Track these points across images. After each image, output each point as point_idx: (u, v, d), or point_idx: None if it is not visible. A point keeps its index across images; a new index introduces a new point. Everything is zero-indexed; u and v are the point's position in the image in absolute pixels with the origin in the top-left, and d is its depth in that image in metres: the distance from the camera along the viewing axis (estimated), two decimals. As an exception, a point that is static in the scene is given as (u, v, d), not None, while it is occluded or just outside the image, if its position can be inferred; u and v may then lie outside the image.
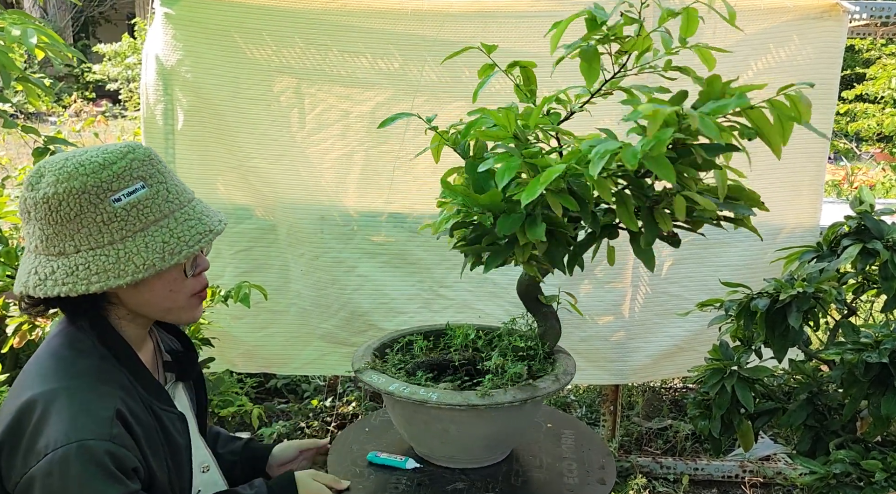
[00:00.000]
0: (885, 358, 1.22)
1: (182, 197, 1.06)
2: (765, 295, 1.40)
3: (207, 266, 1.13)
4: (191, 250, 1.01)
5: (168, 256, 1.00)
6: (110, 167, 0.98)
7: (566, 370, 1.35)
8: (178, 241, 1.01)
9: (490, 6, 2.05)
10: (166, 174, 1.05)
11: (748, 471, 2.34)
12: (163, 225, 1.01)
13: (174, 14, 2.01)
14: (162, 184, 1.03)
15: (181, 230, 1.02)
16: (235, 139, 2.10)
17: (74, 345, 1.02)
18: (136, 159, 1.01)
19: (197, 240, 1.03)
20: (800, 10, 2.03)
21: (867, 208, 1.46)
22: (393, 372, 1.30)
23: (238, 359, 2.28)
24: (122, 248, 0.99)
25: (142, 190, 1.00)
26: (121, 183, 0.99)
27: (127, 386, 1.02)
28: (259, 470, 1.45)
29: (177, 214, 1.03)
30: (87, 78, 9.58)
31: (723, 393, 1.42)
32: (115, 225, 0.99)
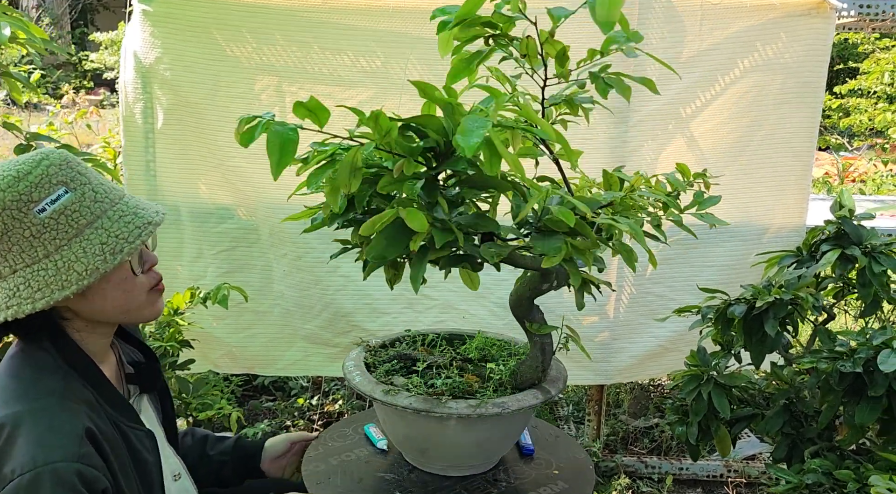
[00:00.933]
0: (859, 368, 1.21)
1: (111, 194, 1.02)
2: (742, 302, 1.39)
3: (156, 260, 1.11)
4: (132, 246, 0.99)
5: (110, 256, 0.97)
6: (26, 178, 0.95)
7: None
8: (116, 239, 0.98)
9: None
10: (88, 174, 1.01)
11: (733, 471, 2.34)
12: (97, 226, 0.98)
13: (152, 11, 1.98)
14: (86, 185, 0.99)
15: (117, 228, 0.99)
16: (216, 138, 2.07)
17: (36, 364, 0.99)
18: (51, 165, 0.97)
19: (136, 234, 1.00)
20: (786, 7, 2.00)
21: (846, 213, 1.44)
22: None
23: (221, 360, 2.27)
24: (59, 259, 0.96)
25: (65, 195, 0.97)
26: (41, 192, 0.95)
27: (93, 404, 1.00)
28: (252, 468, 1.45)
29: (109, 213, 1.00)
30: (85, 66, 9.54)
31: (699, 400, 1.41)
32: (47, 236, 0.96)
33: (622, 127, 2.06)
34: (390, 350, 1.45)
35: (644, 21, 2.00)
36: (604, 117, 2.06)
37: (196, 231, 2.15)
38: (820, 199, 2.91)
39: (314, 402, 2.74)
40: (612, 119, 2.05)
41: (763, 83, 2.07)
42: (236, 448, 1.43)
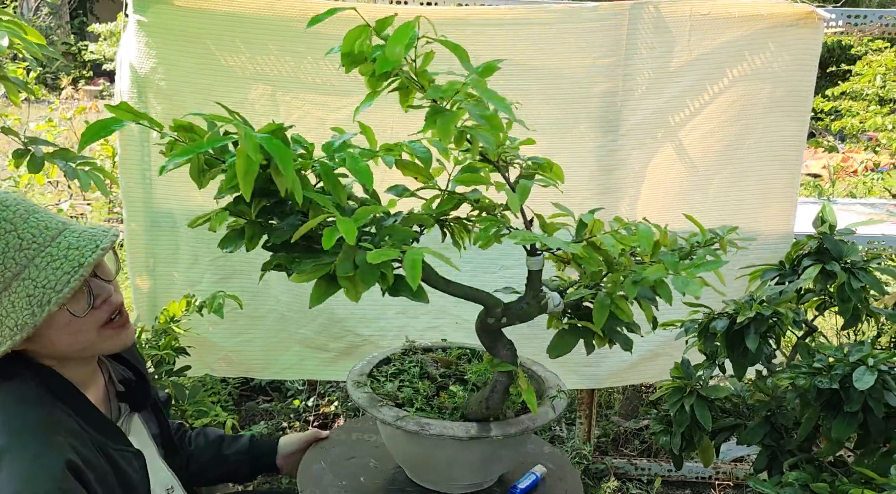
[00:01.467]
0: (836, 384, 1.24)
1: (41, 237, 0.98)
2: (724, 316, 1.42)
3: (109, 293, 1.06)
4: (60, 295, 0.96)
5: (37, 309, 0.94)
6: None
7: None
8: (43, 290, 0.95)
9: (464, 14, 2.04)
10: (14, 219, 0.97)
11: (721, 473, 2.38)
12: (24, 277, 0.95)
13: (147, 21, 2.00)
14: (11, 233, 0.96)
15: (44, 277, 0.96)
16: (211, 147, 2.10)
17: (19, 396, 1.00)
18: None
19: (65, 282, 0.96)
20: (775, 17, 2.02)
21: (827, 229, 1.47)
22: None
23: (217, 365, 2.30)
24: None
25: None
26: None
27: (78, 432, 1.01)
28: (268, 465, 1.51)
29: (37, 260, 0.96)
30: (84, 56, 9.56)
31: (682, 412, 1.45)
32: None
33: (611, 136, 2.08)
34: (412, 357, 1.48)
35: (633, 31, 2.02)
36: (592, 126, 2.09)
37: (191, 238, 2.18)
38: (811, 203, 2.94)
39: (310, 404, 2.78)
40: (601, 128, 2.08)
41: (751, 92, 2.10)
42: (252, 448, 1.48)
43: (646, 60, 2.05)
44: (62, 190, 4.92)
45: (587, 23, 2.01)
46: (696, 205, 2.17)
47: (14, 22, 1.81)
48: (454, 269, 1.10)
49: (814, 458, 1.37)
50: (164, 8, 1.98)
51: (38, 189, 4.92)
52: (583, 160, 2.12)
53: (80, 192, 4.44)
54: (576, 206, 2.16)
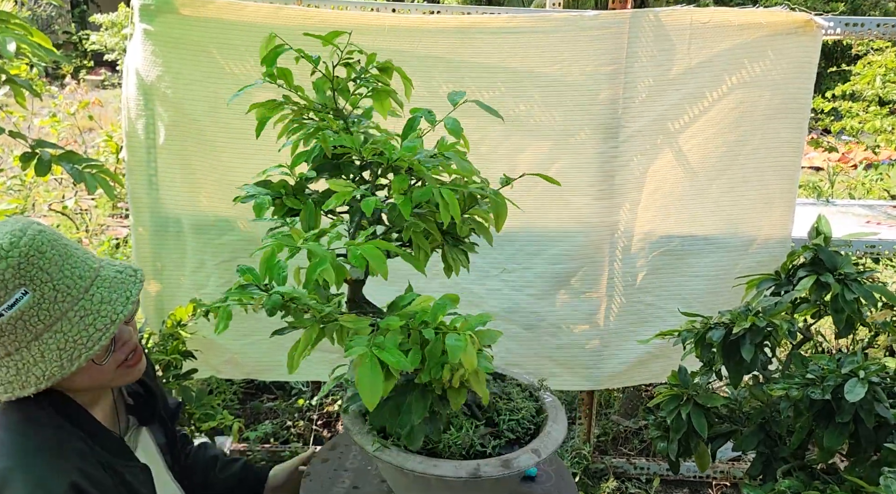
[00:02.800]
0: (828, 395, 1.27)
1: (75, 289, 0.99)
2: (720, 326, 1.45)
3: (129, 336, 1.09)
4: (90, 352, 0.98)
5: (67, 363, 0.96)
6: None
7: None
8: (74, 345, 0.97)
9: (466, 22, 2.06)
10: (51, 269, 0.98)
11: (719, 472, 2.42)
12: (56, 329, 0.97)
13: (153, 30, 2.02)
14: (47, 284, 0.96)
15: (76, 332, 0.97)
16: (216, 153, 2.13)
17: (28, 417, 1.02)
18: (9, 268, 0.94)
19: (97, 339, 0.98)
20: (773, 26, 2.04)
21: (821, 241, 1.50)
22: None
23: (223, 366, 2.34)
24: (18, 360, 0.96)
25: (24, 297, 0.95)
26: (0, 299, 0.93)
27: (85, 452, 1.03)
28: (256, 491, 1.52)
29: (70, 314, 0.98)
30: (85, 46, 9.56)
31: (679, 419, 1.48)
32: (6, 339, 0.95)
33: (612, 142, 2.11)
34: None
35: (634, 40, 2.04)
36: (594, 132, 2.11)
37: (198, 242, 2.21)
38: (809, 205, 2.96)
39: (314, 402, 2.82)
40: (602, 134, 2.10)
41: (750, 99, 2.12)
42: (243, 474, 1.51)
43: (646, 68, 2.08)
44: (66, 186, 4.95)
45: (589, 31, 2.03)
46: (696, 210, 2.20)
47: (21, 25, 1.84)
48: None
49: (807, 465, 1.41)
50: (171, 17, 2.00)
51: (42, 186, 4.95)
52: (584, 166, 2.15)
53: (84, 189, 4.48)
54: (576, 211, 2.20)
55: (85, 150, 5.00)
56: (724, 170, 2.17)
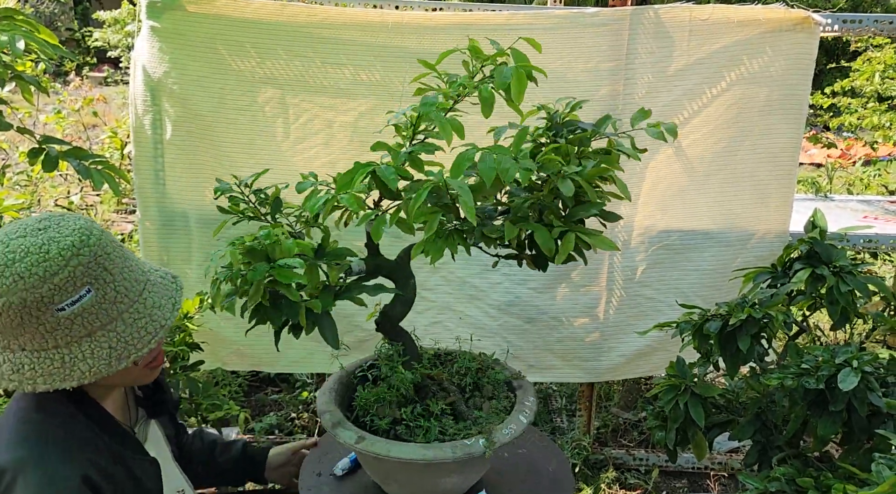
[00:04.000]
0: (822, 385, 1.30)
1: (132, 291, 1.02)
2: (717, 318, 1.48)
3: (159, 346, 1.12)
4: (139, 353, 1.00)
5: (115, 362, 0.99)
6: (51, 279, 0.94)
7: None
8: (125, 346, 0.99)
9: (469, 19, 2.09)
10: (114, 270, 1.00)
11: (717, 463, 2.46)
12: (110, 329, 0.99)
13: (160, 27, 2.05)
14: (109, 285, 0.99)
15: (129, 333, 1.00)
16: (222, 148, 2.16)
17: (42, 406, 1.04)
18: (80, 265, 0.96)
19: (147, 341, 1.01)
20: (772, 22, 2.07)
21: (817, 234, 1.53)
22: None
23: (229, 358, 2.37)
24: (67, 353, 0.97)
25: (87, 295, 0.97)
26: (63, 295, 0.95)
27: (96, 444, 1.05)
28: (256, 475, 1.57)
29: (125, 315, 1.00)
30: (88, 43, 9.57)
31: (676, 409, 1.51)
32: (60, 332, 0.96)
33: (612, 138, 2.13)
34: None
35: (634, 36, 2.07)
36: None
37: (204, 236, 2.24)
38: (809, 200, 2.99)
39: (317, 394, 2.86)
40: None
41: (749, 95, 2.15)
42: (243, 456, 1.54)
43: (646, 64, 2.10)
44: (72, 182, 4.99)
45: (589, 28, 2.06)
46: (695, 205, 2.22)
47: (28, 21, 1.86)
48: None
49: (801, 453, 1.44)
50: (177, 14, 2.03)
51: (49, 182, 4.98)
52: (584, 161, 2.17)
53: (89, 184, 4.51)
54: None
55: (90, 147, 5.03)
56: (722, 165, 2.20)
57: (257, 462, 1.56)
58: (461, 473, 1.31)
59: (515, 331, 2.36)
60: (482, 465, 1.36)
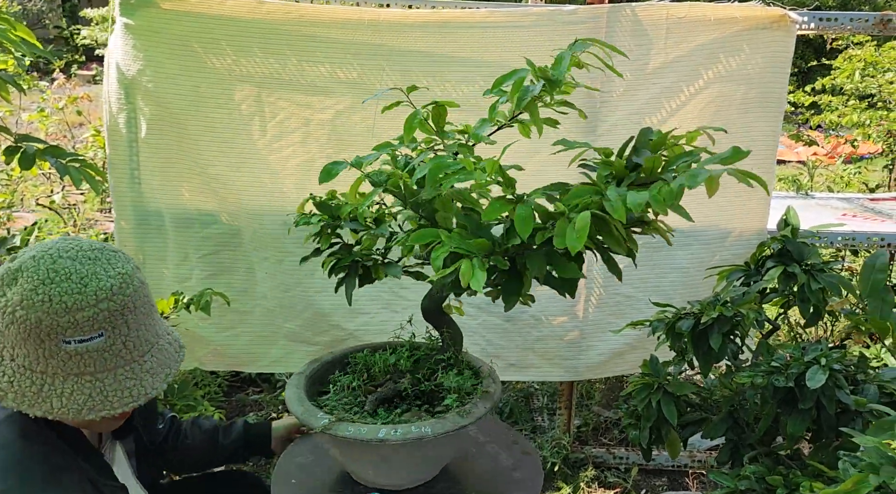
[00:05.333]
0: (791, 383, 1.30)
1: (137, 350, 1.01)
2: (689, 316, 1.48)
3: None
4: (111, 412, 0.99)
5: (85, 411, 0.97)
6: (75, 313, 0.94)
7: (490, 371, 1.46)
8: (103, 400, 0.98)
9: (446, 16, 2.08)
10: (133, 324, 1.00)
11: (696, 461, 2.46)
12: (99, 378, 0.98)
13: (134, 24, 2.03)
14: (120, 337, 0.99)
15: (113, 389, 0.99)
16: (198, 147, 2.14)
17: (22, 430, 1.02)
18: (106, 310, 0.96)
19: (125, 403, 1.00)
20: (749, 20, 2.07)
21: (789, 232, 1.53)
22: (360, 418, 1.33)
23: (206, 358, 2.36)
24: (48, 383, 0.96)
25: (98, 339, 0.96)
26: (78, 331, 0.95)
27: (76, 470, 1.04)
28: (263, 450, 1.63)
29: (119, 371, 0.99)
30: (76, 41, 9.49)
31: (650, 407, 1.51)
32: (53, 361, 0.96)
33: (590, 137, 2.13)
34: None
35: (612, 34, 2.06)
36: (571, 127, 2.13)
37: (180, 236, 2.23)
38: (789, 198, 3.00)
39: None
40: (580, 129, 2.12)
41: (727, 93, 2.15)
42: (247, 435, 1.59)
43: (623, 62, 2.09)
44: (55, 181, 4.95)
45: (566, 26, 2.05)
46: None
47: (5, 19, 1.84)
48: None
49: (773, 452, 1.44)
50: (151, 11, 2.01)
51: (31, 181, 4.94)
52: (562, 159, 2.16)
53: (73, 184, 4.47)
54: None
55: (74, 145, 4.99)
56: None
57: (262, 436, 1.61)
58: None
59: (496, 330, 2.35)
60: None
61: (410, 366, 1.48)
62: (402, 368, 1.49)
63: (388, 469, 1.34)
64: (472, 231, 1.20)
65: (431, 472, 1.41)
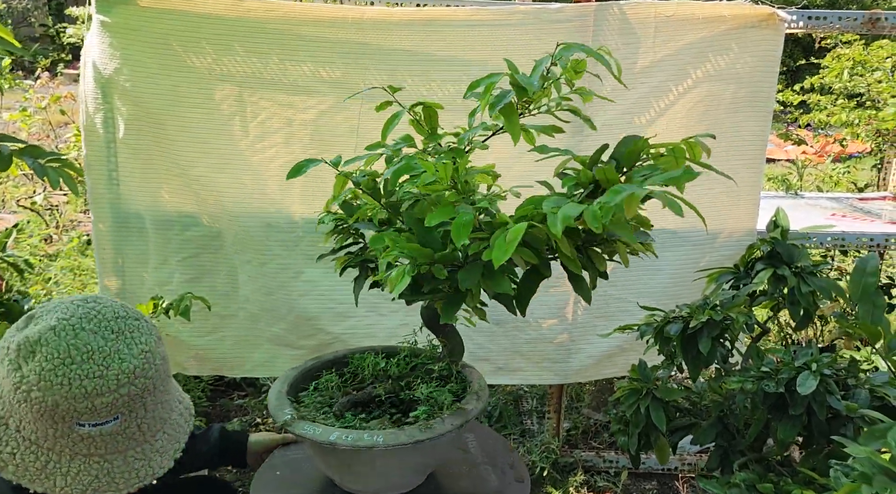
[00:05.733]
0: (782, 388, 1.28)
1: (151, 430, 0.98)
2: (678, 320, 1.45)
3: None
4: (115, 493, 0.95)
5: (90, 492, 0.94)
6: (94, 399, 0.90)
7: (481, 385, 1.41)
8: (109, 482, 0.95)
9: (431, 14, 2.04)
10: (150, 405, 0.97)
11: (686, 464, 2.44)
12: (109, 459, 0.95)
13: (111, 22, 1.99)
14: (136, 420, 0.95)
15: (121, 471, 0.96)
16: (178, 148, 2.10)
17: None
18: (126, 395, 0.93)
19: (131, 484, 0.96)
20: (737, 19, 2.04)
21: (779, 234, 1.50)
22: (322, 418, 1.31)
23: (188, 363, 2.31)
24: (54, 460, 0.92)
25: (113, 422, 0.93)
26: (94, 416, 0.92)
27: None
28: (237, 461, 1.57)
29: (129, 453, 0.96)
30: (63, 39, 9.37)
31: (638, 413, 1.48)
32: (64, 441, 0.92)
33: (577, 137, 2.10)
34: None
35: (599, 33, 2.03)
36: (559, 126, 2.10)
37: (161, 238, 2.18)
38: (779, 198, 2.98)
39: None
40: (567, 129, 2.08)
41: (715, 93, 2.12)
42: (224, 444, 1.53)
43: (611, 61, 2.06)
44: (38, 182, 4.87)
45: (553, 24, 2.02)
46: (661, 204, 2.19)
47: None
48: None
49: (763, 458, 1.42)
50: (129, 8, 1.97)
51: (11, 182, 4.87)
52: (548, 162, 2.13)
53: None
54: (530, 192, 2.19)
55: (56, 145, 4.92)
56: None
57: (237, 447, 1.55)
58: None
59: (484, 333, 2.32)
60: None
61: (403, 372, 1.45)
62: (390, 373, 1.46)
63: (354, 476, 1.31)
64: (419, 237, 1.16)
65: (401, 483, 1.37)
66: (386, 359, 1.50)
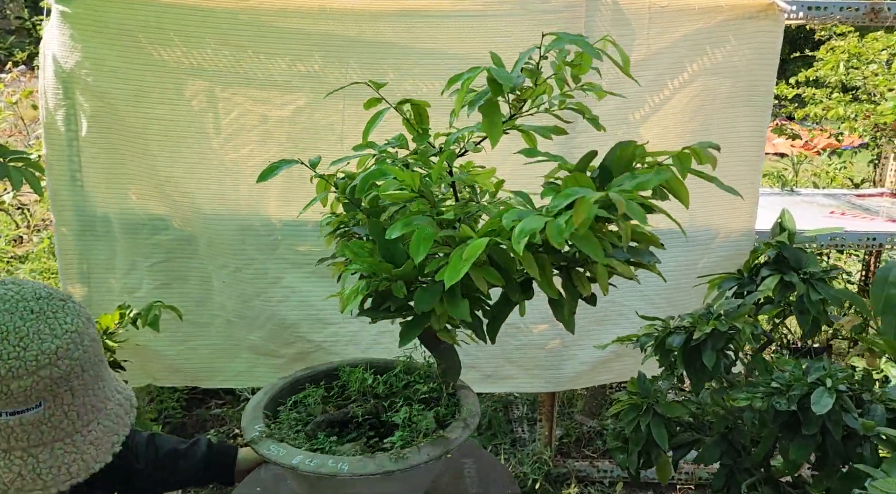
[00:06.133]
0: (794, 406, 1.18)
1: (81, 419, 0.90)
2: (680, 331, 1.36)
3: None
4: (43, 492, 0.87)
5: (12, 492, 0.86)
6: (10, 383, 0.82)
7: (472, 411, 1.30)
8: (34, 480, 0.87)
9: (413, 5, 1.93)
10: (79, 391, 0.88)
11: (684, 473, 2.35)
12: (32, 453, 0.86)
13: (71, 12, 1.85)
14: (63, 407, 0.87)
15: (48, 466, 0.87)
16: (146, 146, 1.97)
17: None
18: (48, 377, 0.85)
19: (61, 481, 0.88)
20: (735, 9, 1.95)
21: (785, 238, 1.41)
22: (292, 437, 1.20)
23: (161, 374, 2.19)
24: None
25: (35, 410, 0.84)
26: (9, 403, 0.83)
27: None
28: (224, 478, 1.46)
29: (57, 445, 0.88)
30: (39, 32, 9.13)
31: (638, 431, 1.39)
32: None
33: (570, 133, 1.99)
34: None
35: (591, 24, 1.93)
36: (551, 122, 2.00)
37: (128, 242, 2.06)
38: (774, 195, 2.90)
39: (264, 408, 2.68)
40: (561, 123, 1.99)
41: (712, 86, 2.03)
42: (210, 458, 1.42)
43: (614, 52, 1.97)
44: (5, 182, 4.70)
45: (541, 15, 1.92)
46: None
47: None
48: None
49: (772, 478, 1.33)
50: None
51: (-20, 181, 4.69)
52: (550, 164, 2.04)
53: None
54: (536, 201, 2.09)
55: (28, 142, 4.76)
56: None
57: (225, 464, 1.44)
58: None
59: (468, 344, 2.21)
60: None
61: (394, 390, 1.33)
62: (377, 391, 1.34)
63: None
64: (381, 250, 1.05)
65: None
66: (375, 375, 1.38)
